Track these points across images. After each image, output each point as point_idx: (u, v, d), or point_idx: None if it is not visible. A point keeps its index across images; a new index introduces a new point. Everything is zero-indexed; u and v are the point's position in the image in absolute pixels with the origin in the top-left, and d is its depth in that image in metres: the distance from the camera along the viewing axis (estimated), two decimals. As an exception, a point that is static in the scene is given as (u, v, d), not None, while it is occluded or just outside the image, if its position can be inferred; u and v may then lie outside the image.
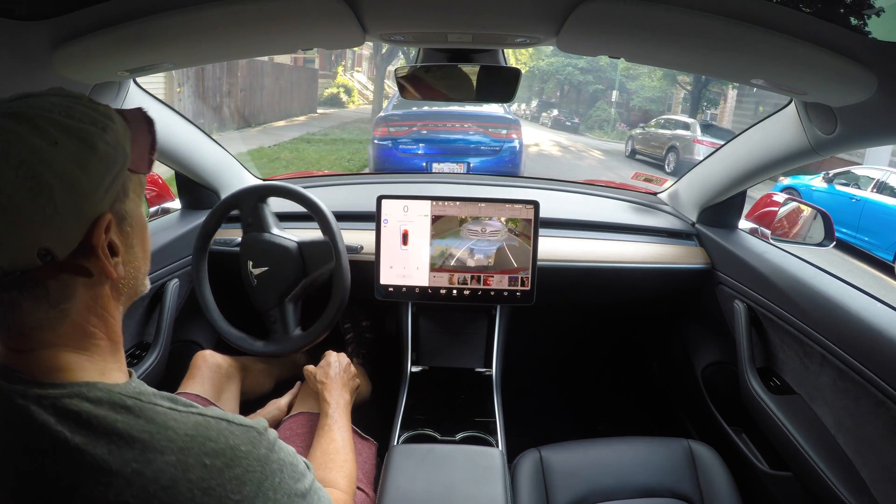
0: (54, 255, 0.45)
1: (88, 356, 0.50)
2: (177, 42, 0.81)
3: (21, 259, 0.44)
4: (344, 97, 19.23)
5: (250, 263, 1.22)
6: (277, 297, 1.22)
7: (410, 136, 5.85)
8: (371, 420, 1.18)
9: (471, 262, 1.27)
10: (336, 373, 1.10)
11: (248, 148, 9.30)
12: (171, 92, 9.38)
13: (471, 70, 0.99)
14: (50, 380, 0.47)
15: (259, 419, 0.55)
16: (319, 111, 16.54)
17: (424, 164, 5.75)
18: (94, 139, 0.47)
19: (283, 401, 1.17)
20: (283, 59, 15.22)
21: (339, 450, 0.93)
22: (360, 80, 23.58)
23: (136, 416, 0.47)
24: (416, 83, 1.03)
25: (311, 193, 1.21)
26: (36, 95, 0.48)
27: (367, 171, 7.63)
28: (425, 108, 6.09)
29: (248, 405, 1.25)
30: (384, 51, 12.68)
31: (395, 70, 1.04)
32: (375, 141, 5.94)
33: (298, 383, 1.21)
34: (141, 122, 0.54)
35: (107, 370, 0.51)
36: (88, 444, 0.44)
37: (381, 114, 6.41)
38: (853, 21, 0.65)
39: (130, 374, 0.54)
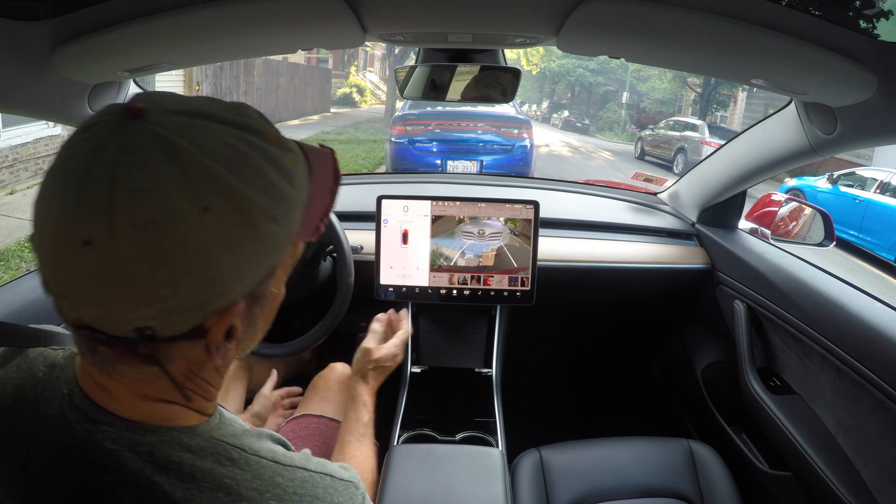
0: (154, 335, 0.36)
1: (184, 407, 0.44)
2: (177, 42, 0.81)
3: (113, 328, 0.35)
4: (356, 97, 19.41)
5: None
6: (295, 297, 1.22)
7: (426, 134, 6.05)
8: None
9: (461, 263, 1.27)
10: (381, 380, 1.03)
11: None
12: (189, 90, 9.51)
13: (471, 70, 0.99)
14: (144, 422, 0.42)
15: (348, 467, 0.52)
16: (333, 110, 16.69)
17: (439, 161, 5.94)
18: (257, 215, 0.35)
19: (266, 389, 1.14)
20: (298, 58, 15.34)
21: (373, 467, 0.90)
22: (373, 79, 23.72)
23: (242, 470, 0.42)
24: (416, 83, 1.03)
25: None
26: (205, 115, 0.36)
27: (381, 168, 7.96)
28: (439, 108, 6.27)
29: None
30: (397, 51, 12.75)
31: (396, 70, 1.04)
32: (392, 139, 6.12)
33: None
34: (328, 176, 0.43)
35: (202, 417, 0.46)
36: (191, 499, 0.40)
37: (398, 113, 6.60)
38: (862, 24, 0.65)
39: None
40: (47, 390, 0.44)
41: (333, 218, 1.19)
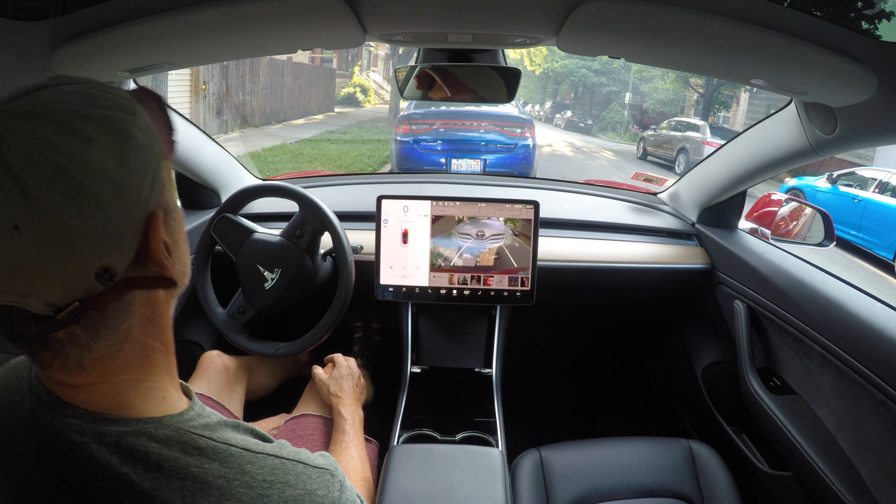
0: (113, 273, 0.39)
1: (148, 379, 0.45)
2: (177, 42, 0.81)
3: (78, 288, 0.38)
4: (360, 97, 19.50)
5: (262, 268, 1.21)
6: (298, 295, 1.22)
7: (431, 133, 6.14)
8: (372, 420, 1.18)
9: (459, 263, 1.27)
10: (350, 387, 1.11)
11: (271, 144, 9.52)
12: (196, 89, 9.51)
13: (471, 70, 0.99)
14: (110, 414, 0.42)
15: (326, 455, 0.53)
16: (337, 110, 16.73)
17: (444, 160, 6.02)
18: (129, 127, 0.39)
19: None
20: (302, 58, 15.38)
21: (357, 468, 0.94)
22: (376, 79, 23.74)
23: (210, 458, 0.43)
24: (415, 83, 1.03)
25: (312, 194, 1.21)
26: (41, 88, 0.39)
27: (386, 167, 8.09)
28: (444, 108, 6.36)
29: (253, 405, 1.26)
30: (401, 51, 12.76)
31: (396, 70, 1.03)
32: (398, 138, 6.22)
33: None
34: (151, 102, 0.46)
35: (168, 395, 0.47)
36: (159, 489, 0.40)
37: (403, 113, 6.68)
38: (863, 25, 0.65)
39: (189, 395, 0.50)
40: (19, 393, 0.45)
41: (334, 218, 1.19)
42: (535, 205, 1.24)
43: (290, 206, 1.23)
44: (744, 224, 1.48)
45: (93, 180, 0.36)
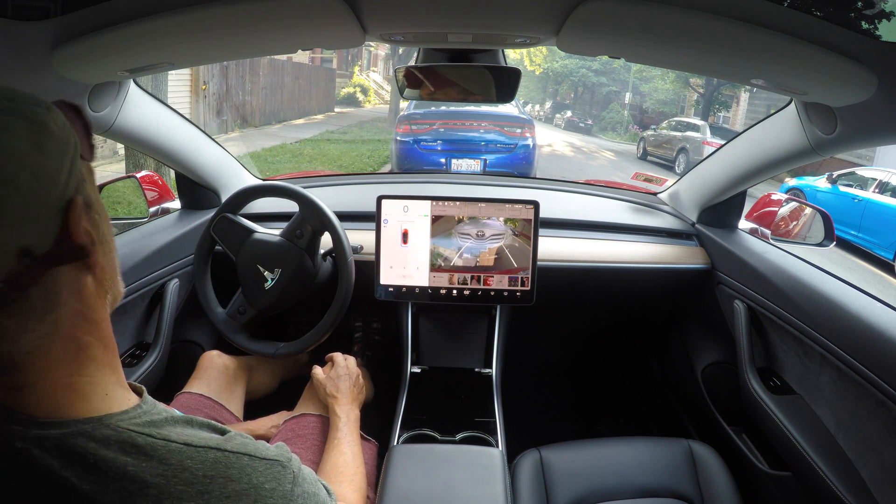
0: (33, 254, 0.40)
1: (86, 375, 0.45)
2: (177, 42, 0.81)
3: (1, 269, 0.38)
4: (360, 97, 19.55)
5: (262, 268, 1.21)
6: (298, 295, 1.22)
7: (431, 133, 6.15)
8: (372, 420, 1.19)
9: (459, 263, 1.27)
10: (347, 387, 1.11)
11: (271, 144, 9.52)
12: (196, 89, 9.50)
13: (470, 70, 0.99)
14: (51, 417, 0.42)
15: (281, 446, 0.52)
16: (337, 110, 16.77)
17: (444, 160, 6.03)
18: (43, 119, 0.42)
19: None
20: (302, 58, 15.40)
21: (348, 463, 0.94)
22: (376, 79, 23.77)
23: (147, 456, 0.42)
24: (415, 83, 1.03)
25: (312, 194, 1.21)
26: None
27: (386, 167, 8.11)
28: (444, 108, 6.38)
29: (253, 405, 1.26)
30: (401, 51, 12.76)
31: (396, 70, 1.03)
32: (398, 138, 6.23)
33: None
34: (69, 111, 0.48)
35: (110, 392, 0.46)
36: (98, 492, 0.40)
37: (403, 113, 6.69)
38: (863, 25, 0.65)
39: (140, 393, 0.49)
40: None
41: (334, 218, 1.19)
42: (535, 205, 1.24)
43: (290, 206, 1.23)
44: (744, 224, 1.48)
45: (8, 163, 0.38)
